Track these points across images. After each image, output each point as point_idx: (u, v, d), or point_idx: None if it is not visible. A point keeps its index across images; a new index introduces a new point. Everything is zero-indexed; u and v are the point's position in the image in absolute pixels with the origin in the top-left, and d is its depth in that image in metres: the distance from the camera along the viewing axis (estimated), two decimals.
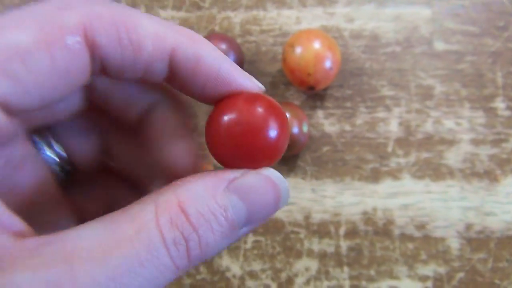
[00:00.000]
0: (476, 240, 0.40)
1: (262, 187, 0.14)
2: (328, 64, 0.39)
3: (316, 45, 0.39)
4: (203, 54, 0.14)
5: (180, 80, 0.15)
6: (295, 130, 0.39)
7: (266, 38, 0.45)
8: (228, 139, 0.14)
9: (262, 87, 0.16)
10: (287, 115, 0.19)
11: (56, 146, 0.17)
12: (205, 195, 0.13)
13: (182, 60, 0.14)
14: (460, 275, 0.40)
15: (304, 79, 0.40)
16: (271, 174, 0.14)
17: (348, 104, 0.43)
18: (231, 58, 0.41)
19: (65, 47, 0.12)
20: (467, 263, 0.40)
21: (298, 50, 0.39)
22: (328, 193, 0.42)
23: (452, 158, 0.42)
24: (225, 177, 0.13)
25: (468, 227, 0.40)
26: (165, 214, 0.12)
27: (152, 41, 0.14)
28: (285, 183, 0.14)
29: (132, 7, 0.14)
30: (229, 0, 0.46)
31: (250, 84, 0.15)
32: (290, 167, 0.42)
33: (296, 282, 0.41)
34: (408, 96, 0.43)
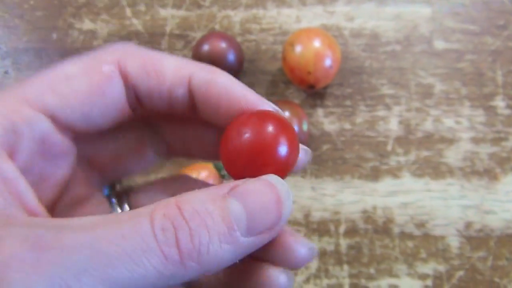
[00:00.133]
0: (476, 238, 0.40)
1: (260, 189, 0.14)
2: (328, 62, 0.39)
3: (316, 43, 0.39)
4: (215, 77, 0.17)
5: (199, 104, 0.17)
6: (295, 128, 0.39)
7: (266, 36, 0.45)
8: (240, 155, 0.15)
9: (275, 107, 0.17)
10: (295, 128, 0.20)
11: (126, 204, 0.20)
12: (205, 199, 0.13)
13: (197, 84, 0.17)
14: (460, 273, 0.40)
15: (304, 77, 0.40)
16: (269, 178, 0.15)
17: (348, 102, 0.43)
18: (231, 56, 0.41)
19: (102, 73, 0.16)
20: (466, 261, 0.40)
21: (298, 49, 0.39)
22: (328, 191, 0.42)
23: (452, 156, 0.42)
24: (227, 185, 0.14)
25: (468, 225, 0.40)
26: (160, 210, 0.13)
27: (172, 70, 0.17)
28: (284, 185, 0.15)
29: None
30: None
31: (262, 103, 0.16)
32: None
33: (296, 280, 0.41)
34: (408, 94, 0.43)
